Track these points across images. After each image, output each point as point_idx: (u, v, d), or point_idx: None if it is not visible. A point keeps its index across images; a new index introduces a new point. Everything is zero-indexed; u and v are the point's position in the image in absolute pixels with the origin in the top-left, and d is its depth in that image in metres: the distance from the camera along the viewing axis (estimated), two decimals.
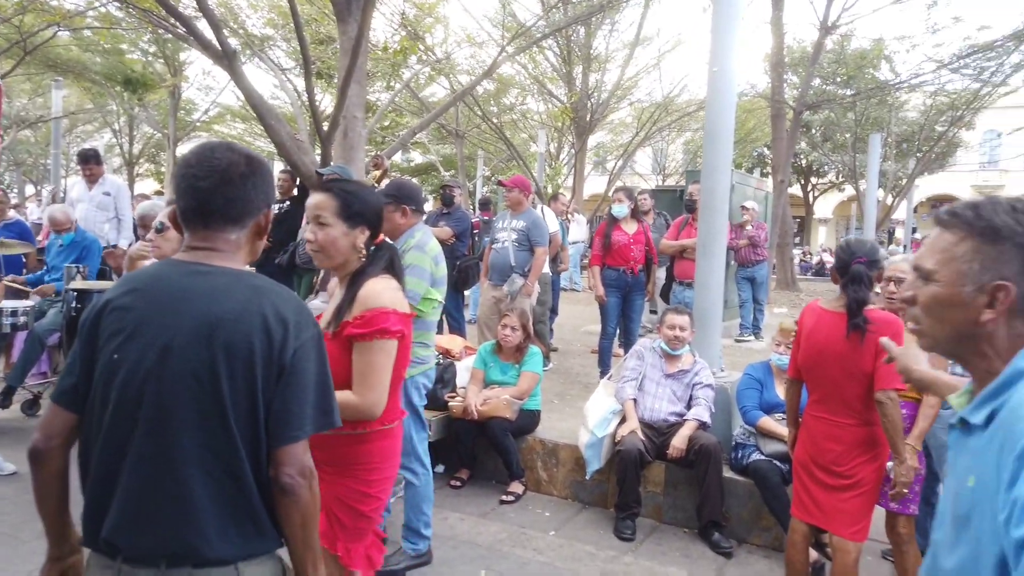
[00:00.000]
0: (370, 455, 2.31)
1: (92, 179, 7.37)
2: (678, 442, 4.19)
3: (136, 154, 25.06)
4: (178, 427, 1.46)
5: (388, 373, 2.25)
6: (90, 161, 7.36)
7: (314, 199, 2.35)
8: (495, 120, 17.52)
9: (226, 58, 6.65)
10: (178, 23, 6.96)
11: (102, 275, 6.42)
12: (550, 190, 14.56)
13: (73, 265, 5.50)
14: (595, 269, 6.50)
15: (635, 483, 4.26)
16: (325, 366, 1.60)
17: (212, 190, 1.55)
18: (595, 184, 25.28)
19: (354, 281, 2.31)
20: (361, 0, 6.79)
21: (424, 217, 4.22)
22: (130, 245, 7.10)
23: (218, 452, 1.48)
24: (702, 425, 4.29)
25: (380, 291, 2.27)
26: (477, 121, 18.99)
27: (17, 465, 4.58)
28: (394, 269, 2.43)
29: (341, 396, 2.11)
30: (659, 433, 4.38)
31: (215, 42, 6.62)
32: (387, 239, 2.46)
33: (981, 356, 1.20)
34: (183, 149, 24.86)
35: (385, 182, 4.67)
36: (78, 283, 5.12)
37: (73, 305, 4.83)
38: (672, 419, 4.40)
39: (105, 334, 1.52)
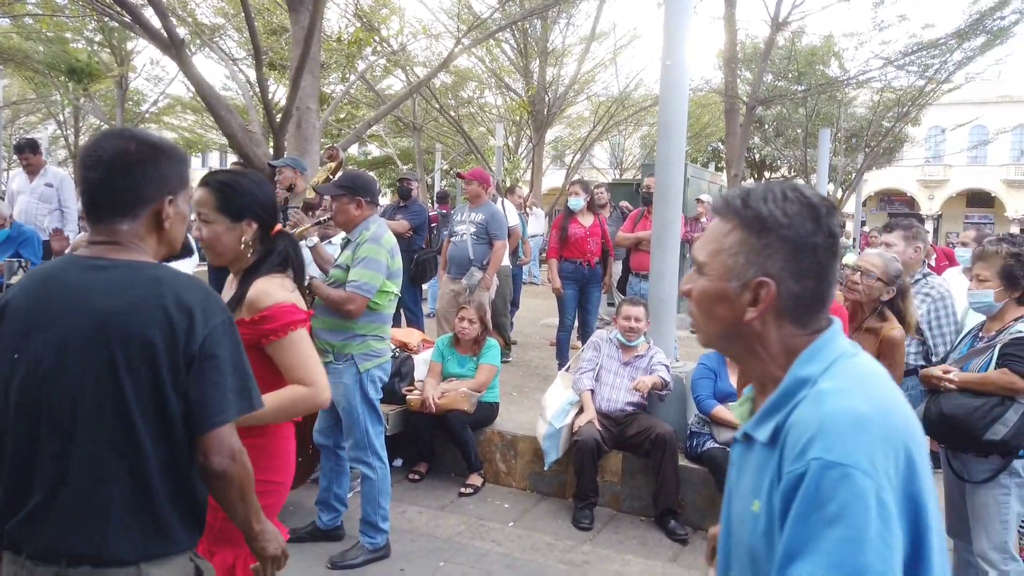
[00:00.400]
0: (267, 452, 2.14)
1: (32, 170, 7.12)
2: (647, 381, 4.28)
3: (82, 146, 24.32)
4: (79, 427, 1.43)
5: (316, 358, 2.18)
6: (25, 151, 7.10)
7: (195, 195, 2.20)
8: (453, 113, 17.43)
9: (174, 47, 6.48)
10: (123, 11, 6.75)
11: None
12: (508, 183, 14.55)
13: (14, 260, 5.31)
14: (552, 262, 6.52)
15: (593, 473, 4.29)
16: (240, 350, 1.57)
17: (99, 181, 1.50)
18: (554, 178, 25.36)
19: (244, 280, 2.18)
20: None
21: (380, 209, 4.18)
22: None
23: (121, 452, 1.45)
24: (665, 385, 4.36)
25: (269, 290, 2.13)
26: (435, 114, 18.86)
27: None
28: (291, 263, 2.26)
29: (291, 392, 2.09)
30: (616, 423, 4.42)
31: (162, 31, 6.46)
32: (286, 230, 2.33)
33: (755, 358, 1.14)
34: None
35: (340, 174, 4.60)
36: (20, 277, 4.94)
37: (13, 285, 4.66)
38: (629, 409, 4.44)
39: (5, 334, 1.49)
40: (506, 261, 6.83)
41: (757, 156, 25.85)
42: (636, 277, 6.39)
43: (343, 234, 4.65)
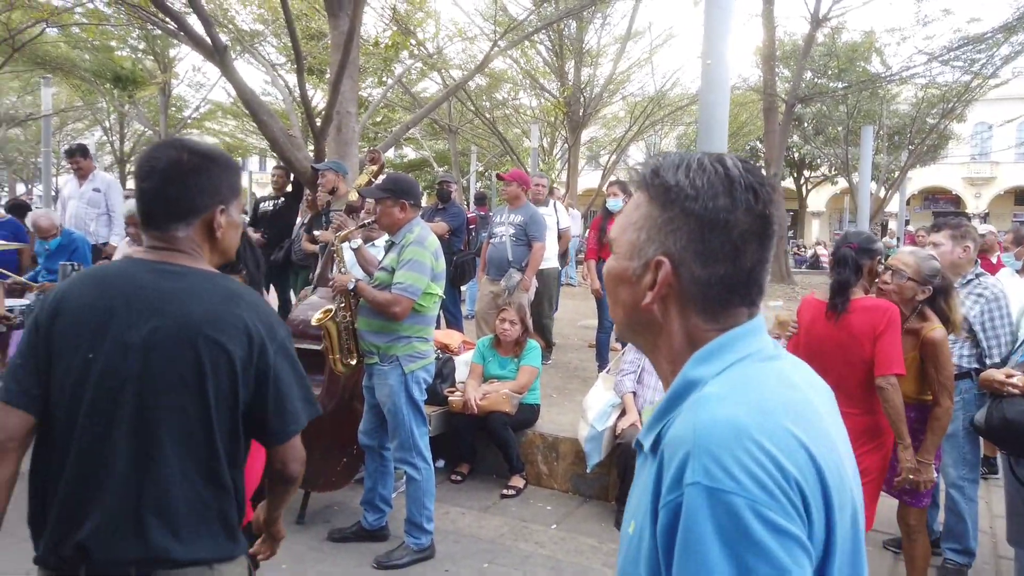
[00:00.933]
0: None
1: (82, 175, 7.30)
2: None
3: (127, 152, 24.91)
4: (161, 428, 1.45)
5: None
6: (75, 155, 7.29)
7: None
8: (488, 115, 17.50)
9: (217, 54, 6.61)
10: (168, 19, 6.90)
11: None
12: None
13: (68, 264, 5.46)
14: (591, 263, 6.50)
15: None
16: (298, 362, 1.62)
17: (153, 190, 1.55)
18: (589, 179, 25.30)
19: None
20: None
21: (421, 212, 4.20)
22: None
23: (198, 454, 1.47)
24: None
25: None
26: (470, 116, 18.97)
27: None
28: (244, 262, 2.27)
29: None
30: None
31: (206, 37, 6.59)
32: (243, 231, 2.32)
33: (658, 353, 0.98)
34: None
35: (382, 177, 4.64)
36: None
37: (63, 282, 4.81)
38: None
39: (70, 331, 1.48)
40: (553, 263, 6.82)
41: (796, 154, 25.46)
42: None
43: (386, 237, 4.71)
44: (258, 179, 33.16)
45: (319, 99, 16.62)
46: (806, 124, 21.97)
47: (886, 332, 2.91)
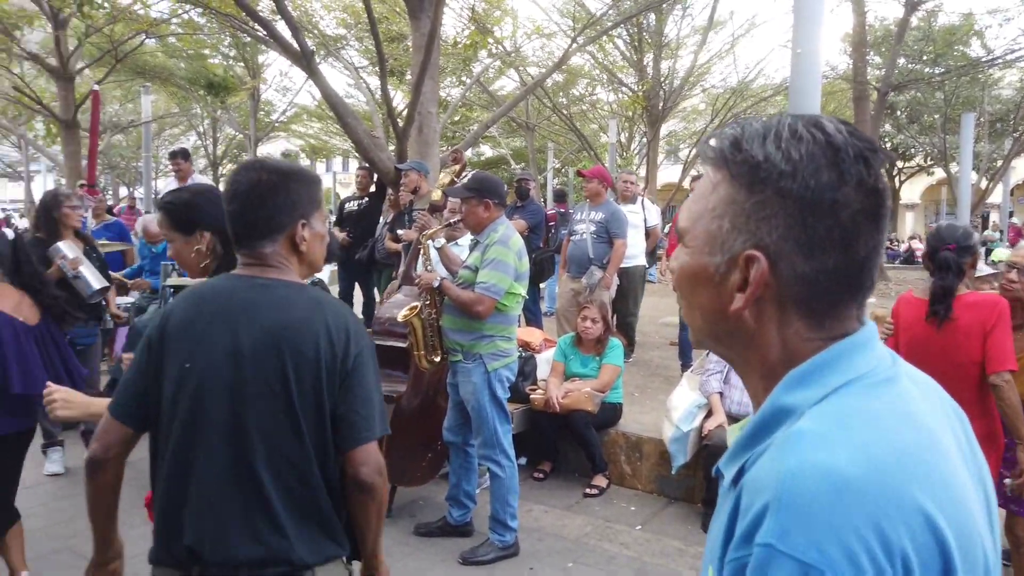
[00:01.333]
0: None
1: (182, 177, 7.64)
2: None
3: (220, 155, 26.02)
4: (254, 433, 1.50)
5: None
6: (177, 157, 7.64)
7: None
8: (565, 111, 17.43)
9: (304, 58, 6.83)
10: (258, 26, 7.16)
11: None
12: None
13: (169, 263, 5.73)
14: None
15: None
16: (377, 373, 1.65)
17: (237, 212, 1.63)
18: (668, 173, 24.86)
19: None
20: None
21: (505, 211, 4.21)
22: None
23: (291, 458, 1.52)
24: None
25: None
26: (547, 113, 18.94)
27: None
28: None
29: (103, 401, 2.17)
30: None
31: (293, 43, 6.81)
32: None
33: (750, 368, 0.81)
34: (264, 149, 25.67)
35: (464, 176, 4.68)
36: (174, 280, 5.33)
37: (171, 300, 5.05)
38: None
39: (173, 345, 1.57)
40: (640, 260, 6.74)
41: (889, 144, 24.33)
42: None
43: (469, 235, 4.75)
44: (342, 179, 34.10)
45: (400, 100, 16.94)
46: (899, 112, 20.98)
47: (996, 327, 2.76)
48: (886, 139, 23.12)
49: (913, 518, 0.63)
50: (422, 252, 3.97)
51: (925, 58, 17.05)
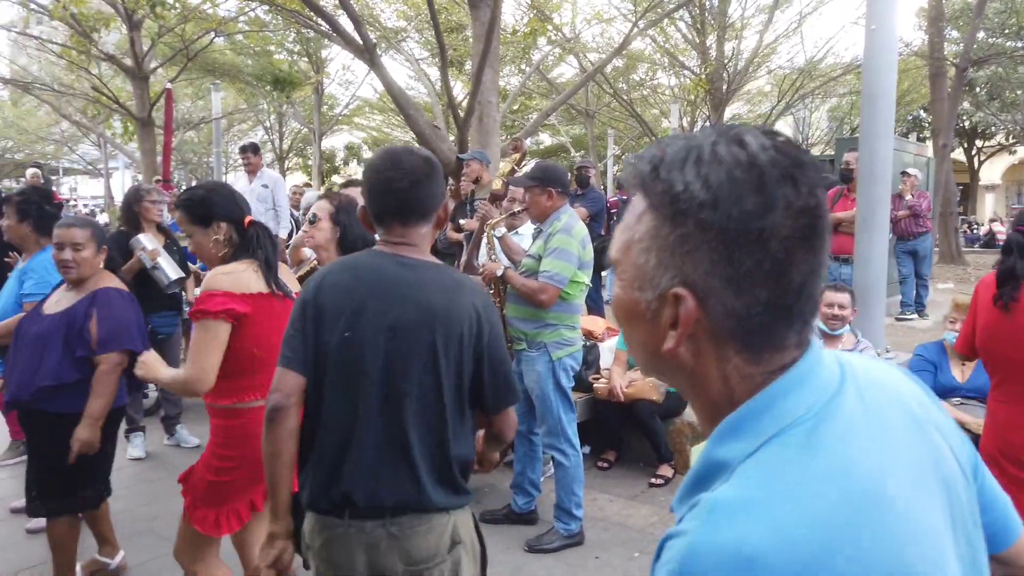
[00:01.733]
0: (218, 431, 2.39)
1: (251, 170, 7.83)
2: None
3: (286, 149, 26.65)
4: (405, 400, 1.71)
5: (211, 351, 2.24)
6: (247, 151, 7.82)
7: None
8: (625, 97, 17.20)
9: (367, 52, 6.91)
10: (323, 21, 7.28)
11: None
12: None
13: None
14: None
15: None
16: (505, 345, 1.90)
17: (408, 191, 1.78)
18: None
19: None
20: None
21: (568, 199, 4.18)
22: (289, 235, 7.53)
23: (432, 424, 1.74)
24: None
25: (212, 275, 2.33)
26: (607, 99, 18.74)
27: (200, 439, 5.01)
28: (259, 246, 2.41)
29: (176, 371, 2.41)
30: None
31: (356, 37, 6.90)
32: (255, 220, 2.52)
33: (697, 403, 0.77)
34: (327, 142, 26.17)
35: (525, 164, 4.67)
36: None
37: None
38: None
39: (331, 310, 1.74)
40: None
41: (967, 123, 23.22)
42: (835, 261, 5.95)
43: (530, 224, 4.74)
44: None
45: (459, 90, 17.02)
46: (979, 89, 19.96)
47: None
48: (964, 117, 22.09)
49: None
50: (485, 242, 3.98)
51: (1007, 31, 16.17)
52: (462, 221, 6.11)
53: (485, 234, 4.15)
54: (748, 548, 0.59)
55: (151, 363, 2.43)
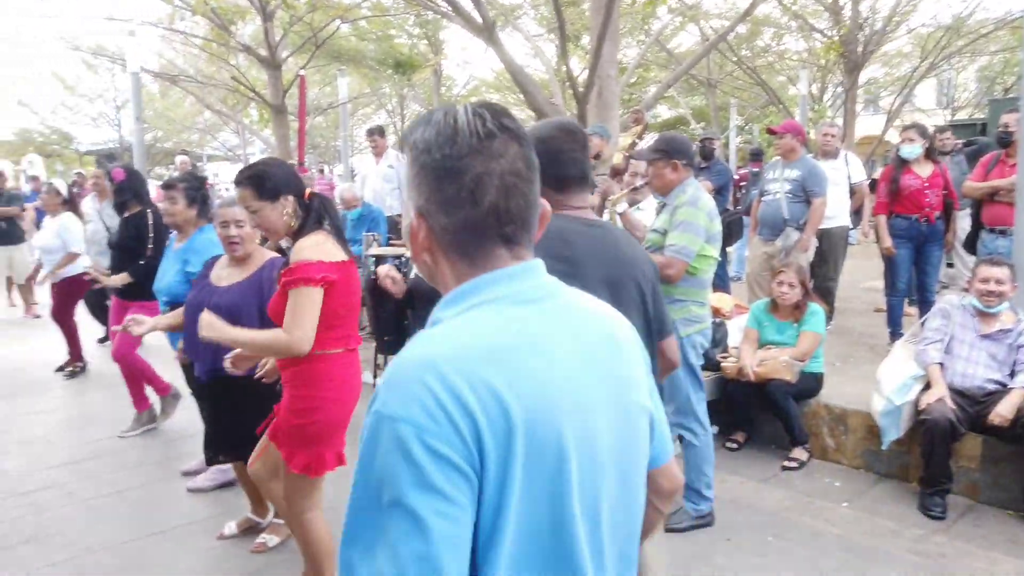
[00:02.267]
0: (296, 376, 2.62)
1: (377, 152, 8.11)
2: (1004, 409, 3.64)
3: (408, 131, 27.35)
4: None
5: (312, 315, 2.51)
6: (374, 134, 8.14)
7: (236, 195, 2.69)
8: (749, 65, 16.43)
9: (486, 30, 6.94)
10: (443, 1, 7.35)
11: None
12: (812, 135, 13.37)
13: (369, 234, 6.13)
14: (881, 218, 5.84)
15: (945, 457, 3.77)
16: None
17: (584, 160, 2.05)
18: (867, 125, 22.79)
19: (294, 242, 2.63)
20: None
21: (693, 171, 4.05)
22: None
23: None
24: None
25: (304, 247, 2.55)
26: (729, 68, 17.98)
27: None
28: (325, 218, 2.67)
29: (273, 333, 2.56)
30: (973, 402, 3.83)
31: (476, 15, 6.94)
32: (316, 192, 2.69)
33: (444, 295, 1.02)
34: None
35: (645, 137, 4.56)
36: (375, 249, 5.70)
37: (372, 268, 5.39)
38: (990, 387, 3.83)
39: (587, 261, 1.99)
40: (843, 220, 6.29)
41: None
42: (991, 233, 5.45)
43: (651, 199, 4.63)
44: None
45: (575, 64, 16.80)
46: None
47: None
48: None
49: (481, 388, 0.85)
50: (609, 217, 3.92)
51: None
52: None
53: (607, 210, 4.09)
54: (431, 353, 0.88)
55: (217, 324, 2.64)
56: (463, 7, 7.08)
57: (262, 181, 2.59)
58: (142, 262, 4.88)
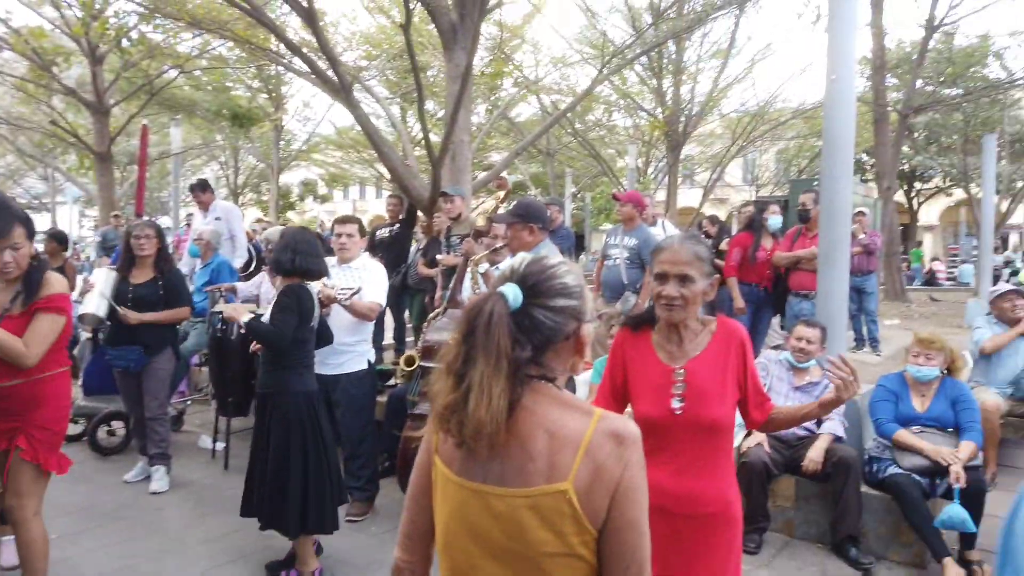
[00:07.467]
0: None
1: (203, 207, 7.80)
2: (814, 454, 4.13)
3: (241, 184, 26.42)
4: None
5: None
6: (196, 190, 7.81)
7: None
8: (584, 138, 17.66)
9: (344, 91, 7.04)
10: (301, 60, 7.38)
11: None
12: None
13: (215, 287, 5.88)
14: (733, 281, 6.46)
15: (762, 497, 4.21)
16: None
17: None
18: (683, 198, 24.97)
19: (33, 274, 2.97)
20: (469, 29, 7.06)
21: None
22: (246, 264, 7.49)
23: None
24: (837, 439, 4.21)
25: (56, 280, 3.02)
26: (566, 140, 19.17)
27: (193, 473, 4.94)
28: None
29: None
30: (788, 446, 4.32)
31: (333, 76, 7.02)
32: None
33: None
34: (284, 178, 26.02)
35: (483, 201, 4.83)
36: (223, 306, 5.47)
37: (219, 327, 5.18)
38: (801, 432, 4.33)
39: None
40: None
41: (906, 166, 24.37)
42: (796, 297, 6.23)
43: (509, 260, 4.87)
44: (360, 207, 34.42)
45: (415, 127, 17.17)
46: (916, 134, 21.04)
47: None
48: (903, 160, 23.19)
49: None
50: (471, 277, 4.09)
51: (943, 79, 17.16)
52: (438, 256, 6.21)
53: (469, 269, 4.27)
54: None
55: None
56: (321, 68, 7.15)
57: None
58: None
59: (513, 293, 1.28)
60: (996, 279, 12.83)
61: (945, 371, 4.23)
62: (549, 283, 1.32)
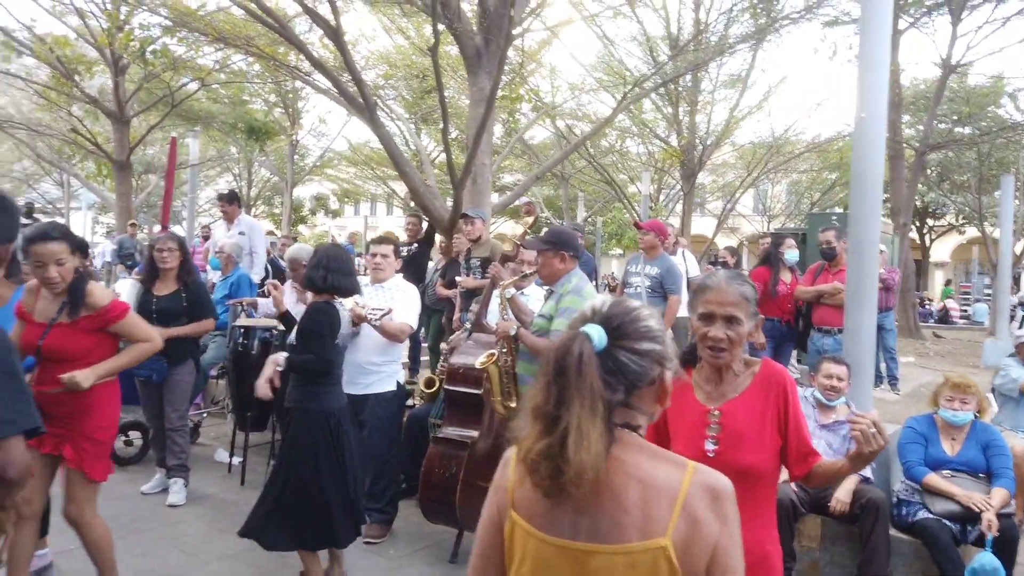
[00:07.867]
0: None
1: (229, 218, 7.79)
2: (842, 495, 4.06)
3: (254, 197, 26.53)
4: None
5: None
6: (224, 200, 7.80)
7: (48, 247, 3.00)
8: (597, 162, 17.71)
9: (367, 110, 7.06)
10: (328, 80, 7.41)
11: None
12: None
13: (236, 301, 5.85)
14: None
15: (788, 536, 4.13)
16: None
17: None
18: (696, 226, 25.01)
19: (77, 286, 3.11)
20: (494, 55, 7.10)
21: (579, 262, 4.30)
22: (263, 280, 7.47)
23: None
24: (864, 479, 4.14)
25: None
26: (580, 164, 19.22)
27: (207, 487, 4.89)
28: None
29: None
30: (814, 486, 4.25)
31: (358, 96, 7.06)
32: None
33: None
34: (297, 192, 26.14)
35: (494, 223, 4.81)
36: (244, 320, 5.46)
37: (240, 341, 5.15)
38: None
39: None
40: (683, 312, 6.81)
41: (919, 203, 24.36)
42: (819, 332, 6.17)
43: (535, 286, 4.84)
44: (372, 224, 34.50)
45: (434, 149, 17.26)
46: (930, 171, 21.05)
47: None
48: (917, 197, 23.18)
49: None
50: (500, 302, 4.06)
51: (955, 118, 17.20)
52: (457, 278, 6.19)
53: (496, 294, 4.24)
54: None
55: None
56: (345, 87, 7.19)
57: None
58: None
59: (598, 334, 1.24)
60: (1011, 319, 12.75)
61: (977, 414, 4.18)
62: (634, 325, 1.27)
